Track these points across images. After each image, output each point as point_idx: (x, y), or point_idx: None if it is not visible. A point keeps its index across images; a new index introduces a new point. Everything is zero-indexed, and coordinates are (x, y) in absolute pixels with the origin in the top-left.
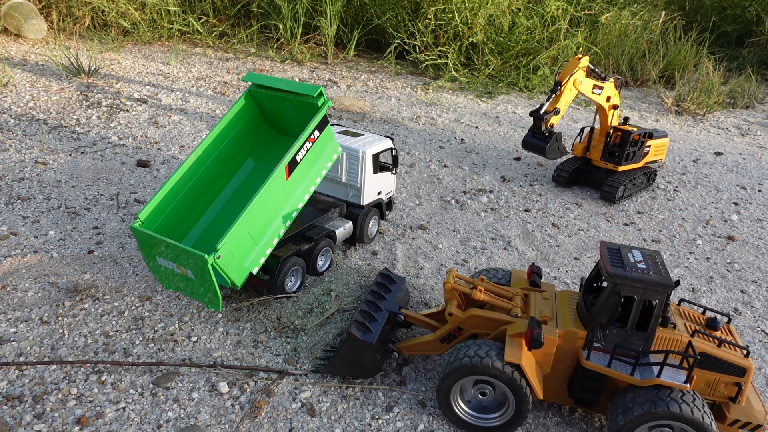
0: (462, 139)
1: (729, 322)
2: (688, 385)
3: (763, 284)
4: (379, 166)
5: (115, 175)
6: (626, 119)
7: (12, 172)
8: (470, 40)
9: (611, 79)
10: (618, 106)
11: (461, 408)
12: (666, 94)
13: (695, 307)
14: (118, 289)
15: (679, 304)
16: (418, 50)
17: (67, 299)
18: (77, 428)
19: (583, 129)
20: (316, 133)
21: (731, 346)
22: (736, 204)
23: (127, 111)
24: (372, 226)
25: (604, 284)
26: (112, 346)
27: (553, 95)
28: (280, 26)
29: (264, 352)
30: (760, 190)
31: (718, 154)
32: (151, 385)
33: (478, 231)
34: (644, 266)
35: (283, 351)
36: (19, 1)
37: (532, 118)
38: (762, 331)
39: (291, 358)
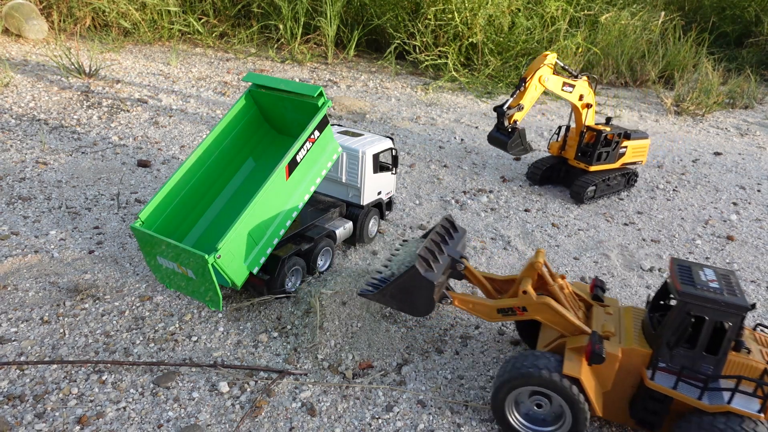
0: (462, 139)
1: None
2: (763, 414)
3: (762, 284)
4: (379, 166)
5: (115, 175)
6: (609, 119)
7: (13, 172)
8: (470, 40)
9: (584, 77)
10: (592, 105)
11: (516, 418)
12: (665, 95)
13: None
14: (119, 288)
15: (754, 329)
16: (418, 50)
17: (68, 299)
18: (78, 427)
19: (560, 127)
20: (316, 133)
21: None
22: (735, 204)
23: (128, 111)
24: (372, 226)
25: (672, 302)
26: (113, 345)
27: (518, 91)
28: (281, 26)
29: (264, 352)
30: (759, 190)
31: (717, 154)
32: (152, 385)
33: (478, 231)
34: (717, 285)
35: (283, 351)
36: (20, 1)
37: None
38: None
39: (291, 358)
